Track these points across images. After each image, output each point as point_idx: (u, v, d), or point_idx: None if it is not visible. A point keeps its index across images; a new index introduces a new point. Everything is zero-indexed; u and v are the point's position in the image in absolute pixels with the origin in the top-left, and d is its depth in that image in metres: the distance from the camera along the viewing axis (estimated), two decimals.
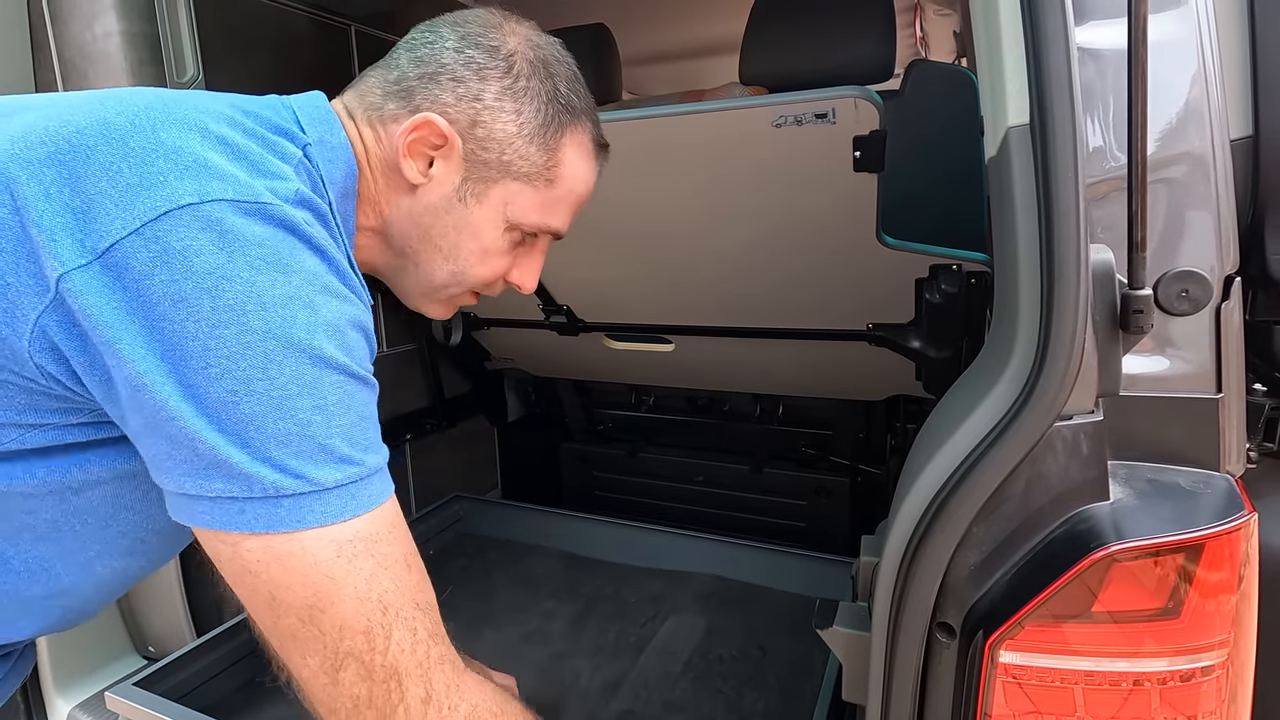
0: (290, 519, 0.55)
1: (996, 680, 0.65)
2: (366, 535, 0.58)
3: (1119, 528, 0.63)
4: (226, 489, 0.54)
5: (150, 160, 0.54)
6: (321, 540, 0.56)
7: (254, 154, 0.59)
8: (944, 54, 2.80)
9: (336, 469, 0.56)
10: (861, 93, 1.10)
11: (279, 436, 0.54)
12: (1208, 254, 0.70)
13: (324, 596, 0.56)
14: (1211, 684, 0.63)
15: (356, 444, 0.58)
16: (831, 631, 0.86)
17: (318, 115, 0.71)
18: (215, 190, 0.54)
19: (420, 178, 0.73)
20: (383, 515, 0.59)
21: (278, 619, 0.57)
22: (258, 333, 0.53)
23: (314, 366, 0.55)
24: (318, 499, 0.55)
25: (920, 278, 1.41)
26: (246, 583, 0.57)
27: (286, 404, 0.54)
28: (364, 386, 0.60)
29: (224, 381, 0.52)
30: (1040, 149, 0.60)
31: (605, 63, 1.61)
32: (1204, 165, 0.69)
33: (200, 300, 0.52)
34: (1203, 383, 0.69)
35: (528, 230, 0.78)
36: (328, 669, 0.57)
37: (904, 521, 0.70)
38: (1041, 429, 0.62)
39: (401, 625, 0.59)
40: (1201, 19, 0.70)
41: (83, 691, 1.36)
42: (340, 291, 0.59)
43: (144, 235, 0.52)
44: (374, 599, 0.57)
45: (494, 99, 0.73)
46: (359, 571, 0.57)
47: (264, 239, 0.55)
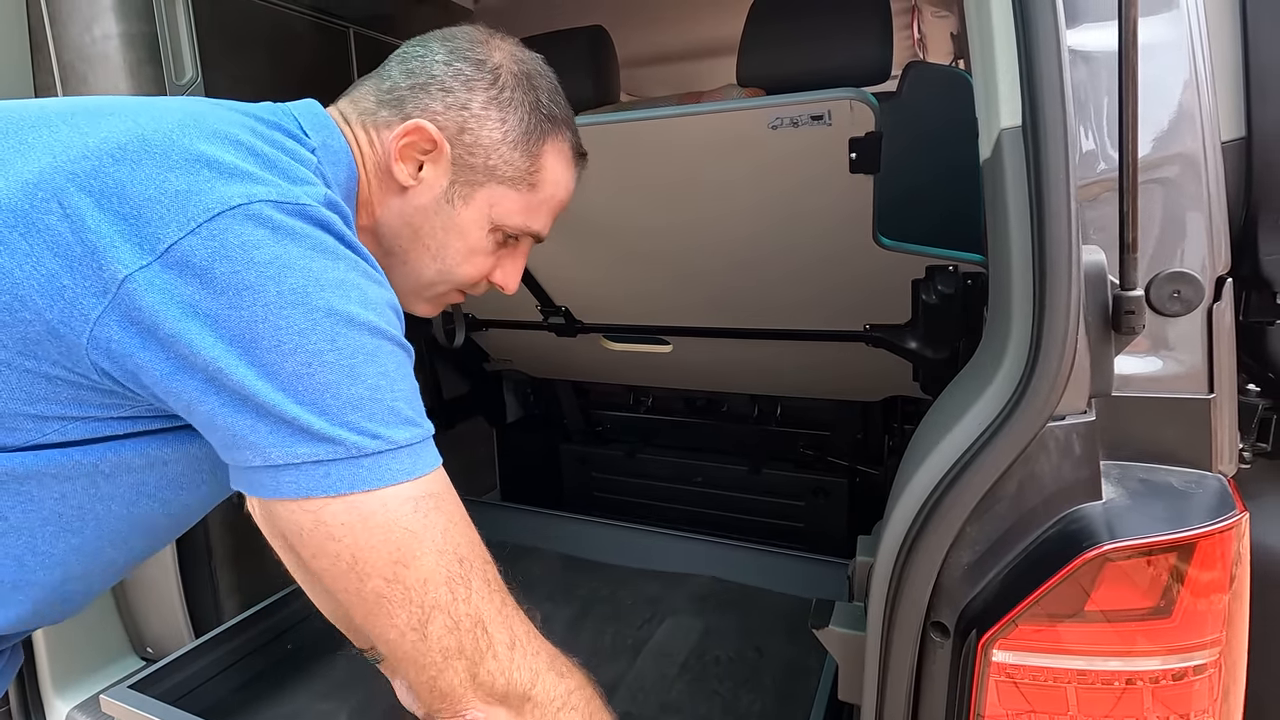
0: (372, 477, 0.58)
1: (990, 679, 0.65)
2: (435, 492, 0.62)
3: (1111, 527, 0.64)
4: (313, 452, 0.57)
5: (195, 169, 0.58)
6: (400, 497, 0.60)
7: (283, 162, 0.64)
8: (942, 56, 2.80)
9: (405, 429, 0.60)
10: (857, 95, 1.11)
11: (353, 401, 0.58)
12: (1199, 255, 0.70)
13: (407, 551, 0.59)
14: (1204, 683, 0.63)
15: (415, 408, 0.63)
16: (827, 631, 0.86)
17: (318, 121, 0.75)
18: (261, 193, 0.59)
19: (410, 180, 0.78)
20: (442, 475, 0.64)
21: (362, 583, 0.60)
22: (321, 310, 0.57)
23: (373, 338, 0.60)
24: (393, 457, 0.59)
25: (917, 279, 1.41)
26: (330, 550, 0.59)
27: (356, 371, 0.58)
28: (410, 358, 0.65)
29: (297, 356, 0.56)
30: (1032, 151, 0.61)
31: (603, 64, 1.61)
32: (1195, 167, 0.70)
33: (265, 286, 0.56)
34: (1195, 383, 0.70)
35: (510, 232, 0.83)
36: (415, 624, 0.60)
37: (898, 522, 0.71)
38: (1034, 429, 0.63)
39: (477, 575, 0.63)
40: (1193, 22, 0.71)
41: (81, 693, 1.36)
42: (374, 275, 0.64)
43: (200, 234, 0.56)
44: (451, 551, 0.61)
45: (480, 108, 0.78)
46: (435, 525, 0.61)
47: (309, 233, 0.60)
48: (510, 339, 2.04)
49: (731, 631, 1.42)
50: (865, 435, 1.99)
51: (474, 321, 1.96)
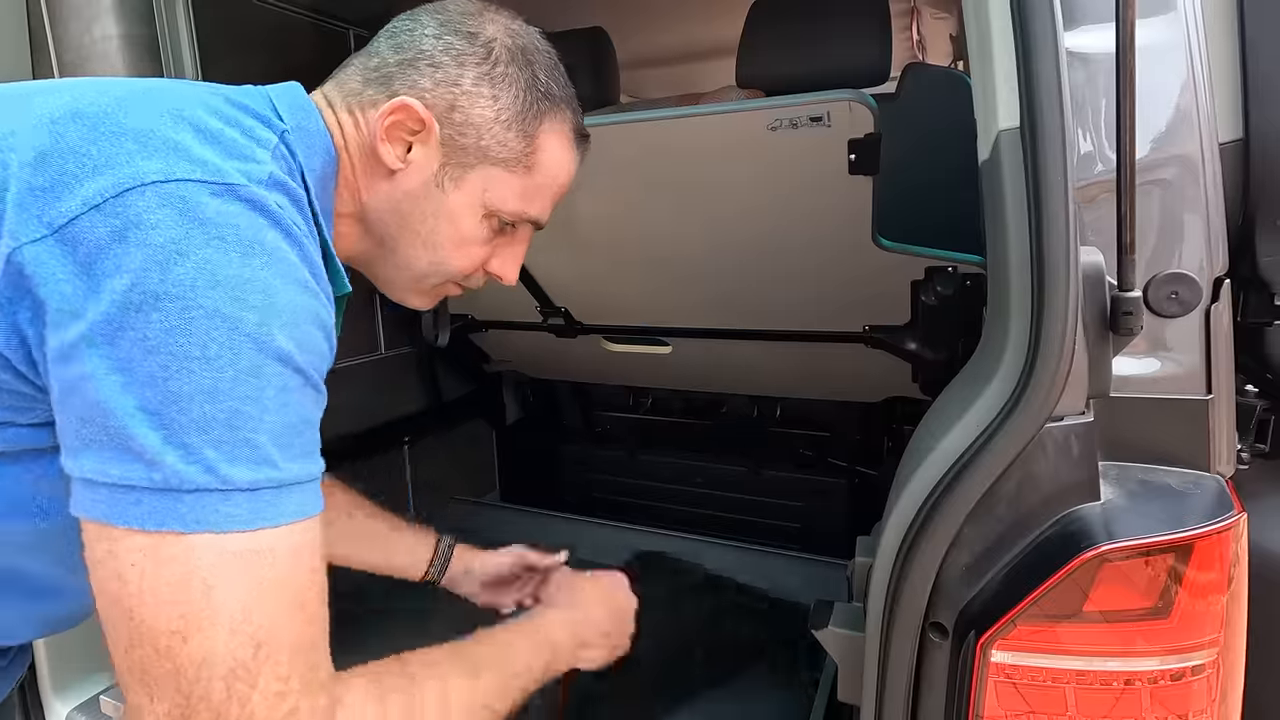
0: (190, 518, 0.49)
1: (988, 680, 0.65)
2: (265, 553, 0.51)
3: (1110, 528, 0.64)
4: (125, 474, 0.49)
5: (118, 142, 0.53)
6: (213, 550, 0.50)
7: (227, 138, 0.58)
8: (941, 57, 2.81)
9: (252, 469, 0.51)
10: (856, 96, 1.11)
11: (201, 421, 0.49)
12: (1197, 256, 0.70)
13: (193, 619, 0.49)
14: (1202, 683, 0.63)
15: (284, 447, 0.53)
16: (827, 632, 0.86)
17: (295, 103, 0.70)
18: (182, 170, 0.53)
19: (398, 163, 0.73)
20: (291, 536, 0.53)
21: (131, 646, 0.50)
22: (203, 310, 0.50)
23: (258, 354, 0.52)
24: (223, 499, 0.50)
25: (916, 280, 1.41)
26: (111, 591, 0.50)
27: (219, 388, 0.50)
28: (309, 388, 0.56)
29: (158, 356, 0.49)
30: (1030, 153, 0.61)
31: (603, 66, 1.61)
32: (1193, 168, 0.70)
33: (149, 272, 0.50)
34: (1192, 384, 0.70)
35: (506, 218, 0.78)
36: (176, 715, 0.49)
37: (897, 522, 0.71)
38: (1032, 430, 0.63)
39: (270, 671, 0.51)
40: (1190, 24, 0.71)
41: (81, 693, 1.36)
42: (305, 282, 0.57)
43: (104, 210, 0.51)
44: (249, 634, 0.50)
45: (471, 84, 0.73)
46: (243, 596, 0.50)
47: (228, 218, 0.53)
48: (510, 340, 2.04)
49: (731, 632, 1.42)
50: (864, 436, 1.99)
51: (473, 323, 1.96)
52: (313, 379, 0.56)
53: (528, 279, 1.70)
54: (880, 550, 0.73)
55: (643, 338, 1.86)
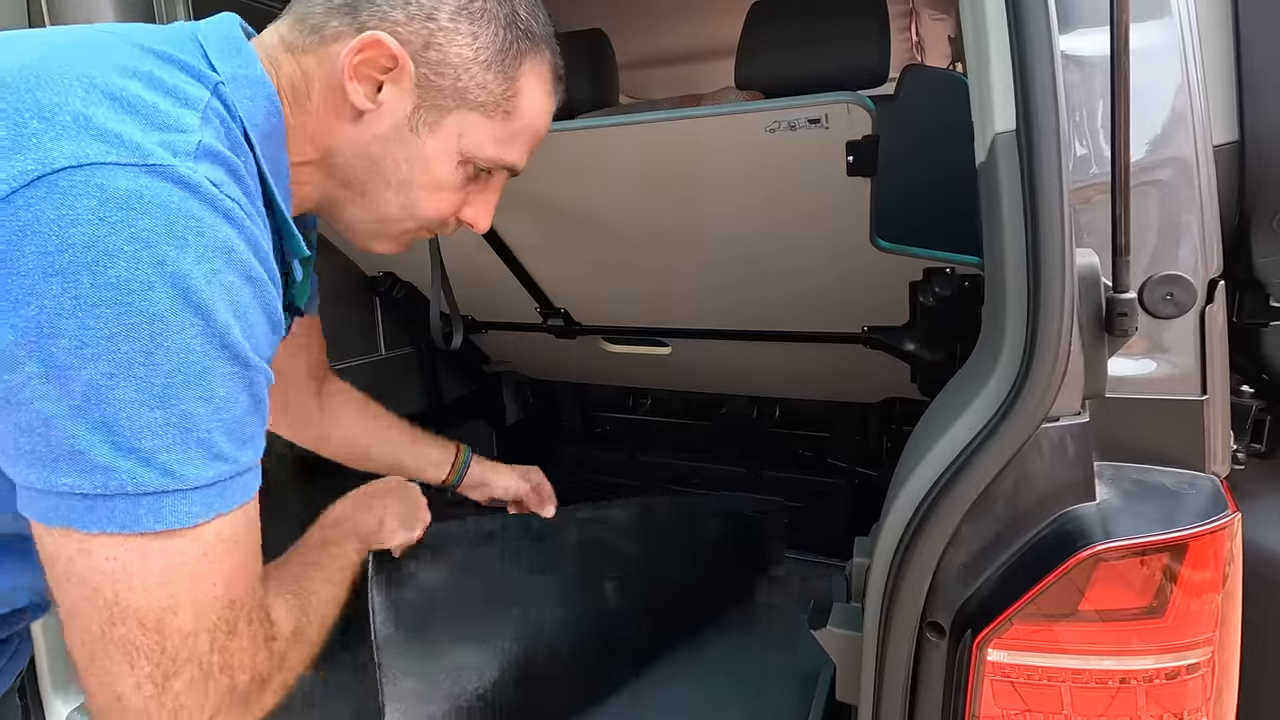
0: (149, 518, 0.50)
1: (985, 679, 0.66)
2: (229, 536, 0.54)
3: (1105, 527, 0.64)
4: (76, 484, 0.48)
5: (23, 120, 0.49)
6: (189, 541, 0.52)
7: (146, 105, 0.53)
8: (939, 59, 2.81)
9: (209, 466, 0.52)
10: (854, 98, 1.11)
11: (153, 426, 0.49)
12: (1192, 257, 0.71)
13: (180, 599, 0.52)
14: (1197, 682, 0.64)
15: (236, 439, 0.54)
16: (825, 632, 0.87)
17: (227, 46, 0.63)
18: (95, 152, 0.48)
19: (367, 103, 0.67)
20: (244, 513, 0.56)
21: (113, 627, 0.51)
22: (144, 313, 0.48)
23: (205, 353, 0.50)
24: (183, 498, 0.51)
25: (914, 281, 1.41)
26: (91, 583, 0.51)
27: (169, 393, 0.49)
28: (259, 376, 0.56)
29: (98, 364, 0.47)
30: (1025, 155, 0.62)
31: (602, 67, 1.62)
32: (1188, 170, 0.70)
33: (78, 276, 0.47)
34: (1187, 384, 0.70)
35: (483, 165, 0.73)
36: (158, 678, 0.52)
37: (894, 523, 0.71)
38: (1028, 430, 0.63)
39: (244, 618, 0.56)
40: (1184, 26, 0.71)
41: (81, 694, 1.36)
42: (249, 266, 0.54)
43: (13, 203, 0.47)
44: (226, 599, 0.54)
45: (449, 19, 0.67)
46: (220, 570, 0.54)
47: (155, 205, 0.49)
48: (509, 340, 2.05)
49: (729, 632, 1.42)
50: (863, 437, 1.99)
51: (473, 323, 1.97)
52: (260, 367, 0.55)
53: (527, 280, 1.70)
54: (878, 550, 0.73)
55: (642, 339, 1.87)
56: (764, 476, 2.08)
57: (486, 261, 1.61)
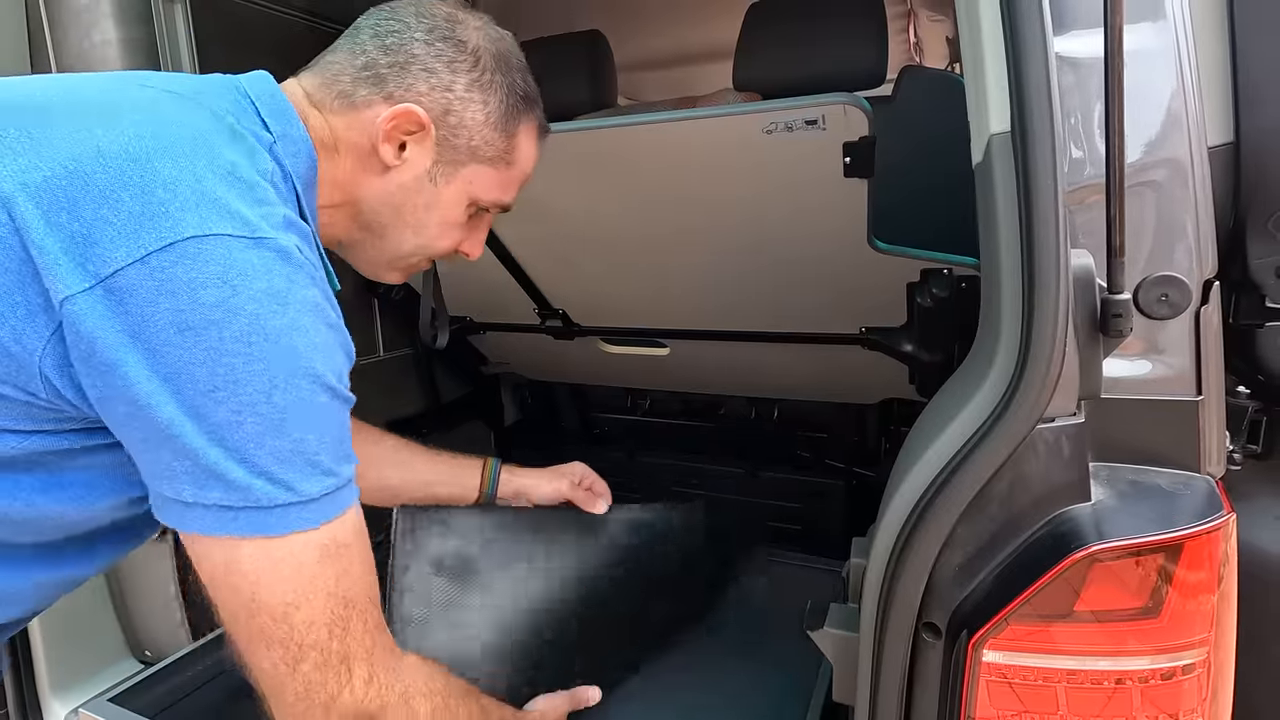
0: (278, 525, 0.61)
1: (980, 679, 0.66)
2: (339, 539, 0.65)
3: (1100, 528, 0.64)
4: (224, 498, 0.59)
5: (150, 190, 0.57)
6: (306, 544, 0.63)
7: (243, 178, 0.63)
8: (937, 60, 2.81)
9: (321, 480, 0.63)
10: (850, 99, 1.11)
11: (276, 453, 0.60)
12: (1187, 259, 0.71)
13: (303, 594, 0.63)
14: (1192, 682, 0.64)
15: (337, 458, 0.64)
16: (822, 633, 0.87)
17: (277, 108, 0.74)
18: (216, 225, 0.58)
19: (395, 160, 0.79)
20: (351, 518, 0.66)
21: (252, 617, 0.63)
22: (262, 361, 0.58)
23: (309, 391, 0.61)
24: (302, 508, 0.62)
25: (912, 282, 1.42)
26: (233, 583, 0.63)
27: (285, 425, 0.60)
28: (346, 405, 0.66)
29: (229, 404, 0.58)
30: (1021, 156, 0.62)
31: (600, 69, 1.62)
32: (1183, 171, 0.70)
33: (208, 331, 0.56)
34: (1183, 385, 0.70)
35: (485, 206, 0.87)
36: (289, 660, 0.63)
37: (891, 523, 0.71)
38: (1024, 431, 0.63)
39: (357, 618, 0.66)
40: (1179, 28, 0.71)
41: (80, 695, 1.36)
42: (329, 316, 0.65)
43: (149, 264, 0.55)
44: (340, 595, 0.65)
45: (464, 90, 0.79)
46: (333, 571, 0.64)
47: (263, 271, 0.59)
48: (508, 342, 2.04)
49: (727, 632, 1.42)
50: (862, 438, 1.99)
51: (471, 325, 1.97)
52: (347, 396, 0.66)
53: (525, 281, 1.70)
54: (874, 551, 0.73)
55: (640, 339, 1.87)
56: (762, 477, 2.08)
57: (485, 263, 1.61)
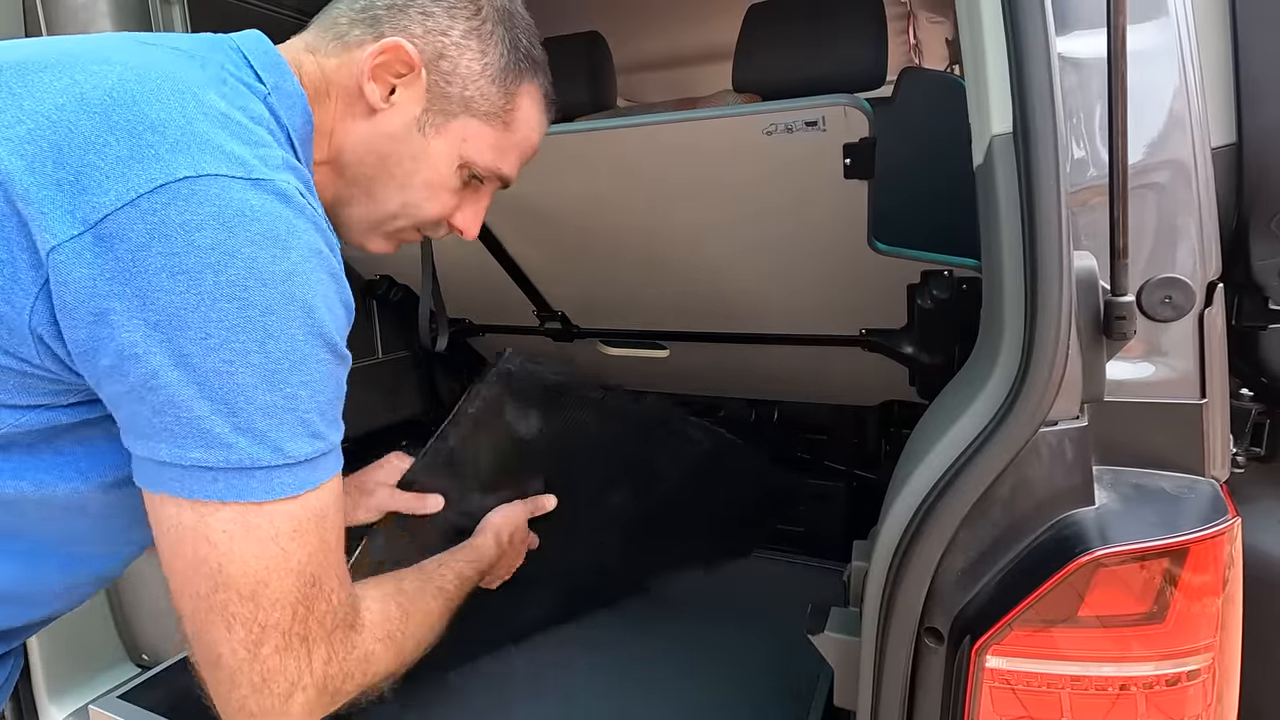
0: (262, 489, 0.56)
1: (984, 685, 0.65)
2: (317, 510, 0.60)
3: (1104, 532, 0.64)
4: (204, 458, 0.55)
5: (138, 133, 0.54)
6: (285, 514, 0.58)
7: (235, 120, 0.59)
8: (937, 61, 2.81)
9: (310, 443, 0.58)
10: (851, 101, 1.11)
11: (266, 408, 0.55)
12: (1190, 260, 0.70)
13: (274, 570, 0.58)
14: (1197, 688, 0.63)
15: (328, 419, 0.60)
16: (823, 637, 0.86)
17: (270, 62, 0.70)
18: (210, 165, 0.55)
19: (382, 103, 0.74)
20: (332, 489, 0.62)
21: (215, 592, 0.57)
22: (258, 308, 0.54)
23: (306, 343, 0.57)
24: (287, 471, 0.57)
25: (912, 284, 1.41)
26: (200, 554, 0.57)
27: (278, 377, 0.56)
28: (343, 364, 0.62)
29: (221, 352, 0.54)
30: (1023, 157, 0.61)
31: (599, 70, 1.61)
32: (1186, 172, 0.70)
33: (203, 275, 0.53)
34: (1187, 388, 0.70)
35: (479, 172, 0.80)
36: (250, 644, 0.58)
37: (893, 527, 0.71)
38: (1026, 435, 0.63)
39: (322, 598, 0.62)
40: (1182, 28, 0.71)
41: (76, 700, 1.36)
42: (331, 265, 0.61)
43: (140, 207, 0.52)
44: (310, 573, 0.60)
45: (461, 36, 0.75)
46: (306, 546, 0.59)
47: (262, 214, 0.55)
48: (507, 343, 2.04)
49: (727, 636, 1.42)
50: (862, 440, 1.98)
51: (470, 326, 1.96)
52: (344, 354, 0.62)
53: (524, 282, 1.70)
54: (876, 554, 0.73)
55: (640, 341, 1.86)
56: None
57: (484, 264, 1.60)
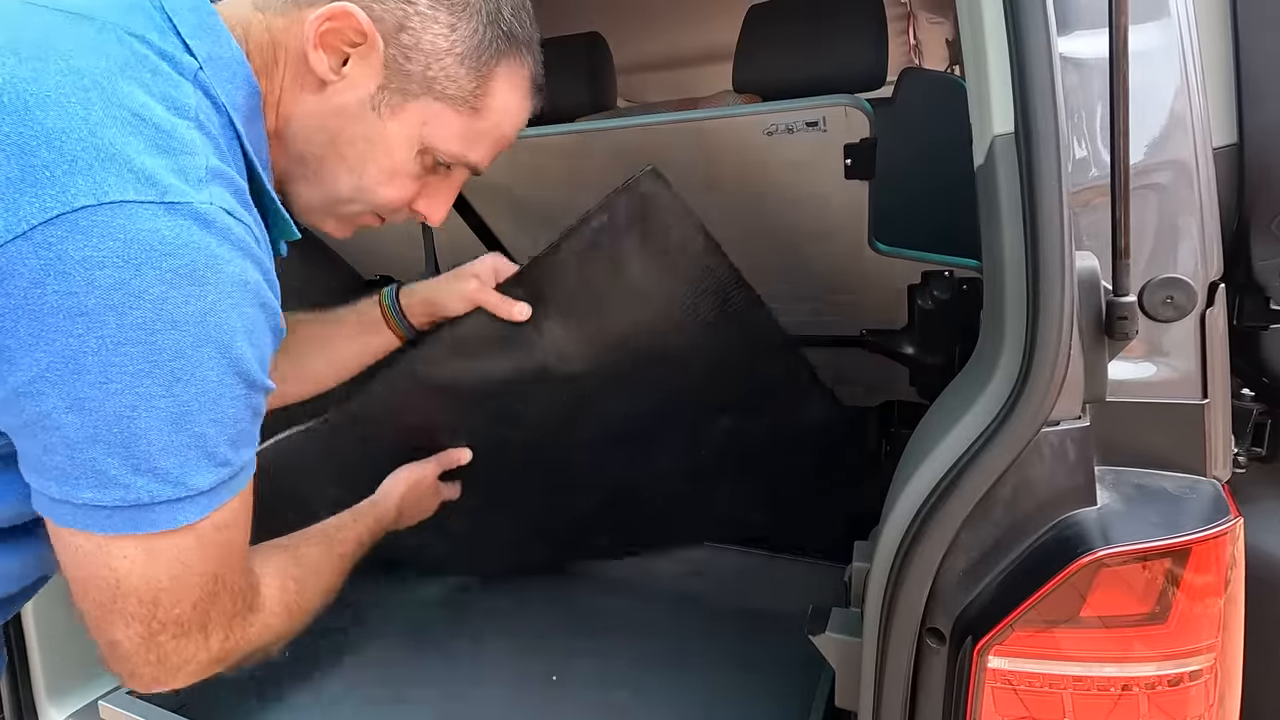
0: (164, 520, 0.54)
1: (985, 686, 0.65)
2: (224, 523, 0.58)
3: (1106, 533, 0.64)
4: (96, 498, 0.52)
5: (30, 149, 0.48)
6: (189, 536, 0.56)
7: (148, 124, 0.52)
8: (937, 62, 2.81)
9: (214, 472, 0.55)
10: (852, 101, 1.11)
11: (169, 449, 0.52)
12: (1192, 260, 0.70)
13: (177, 579, 0.56)
14: (1199, 688, 0.63)
15: (237, 446, 0.57)
16: (824, 637, 0.86)
17: (200, 23, 0.60)
18: (115, 189, 0.48)
19: (331, 75, 0.66)
20: (241, 500, 0.59)
21: (114, 601, 0.56)
22: (168, 352, 0.50)
23: (221, 383, 0.53)
24: (191, 502, 0.55)
25: (913, 284, 1.41)
26: (100, 574, 0.55)
27: (186, 419, 0.52)
28: (262, 394, 0.58)
29: (123, 397, 0.49)
30: (1025, 158, 0.61)
31: (599, 71, 1.61)
32: (1187, 172, 0.70)
33: (105, 317, 0.48)
34: (1188, 388, 0.70)
35: (443, 159, 0.72)
36: (146, 634, 0.57)
37: (894, 527, 0.71)
38: (1028, 435, 0.63)
39: (225, 590, 0.60)
40: (1183, 28, 0.71)
41: (76, 700, 1.36)
42: (261, 294, 0.56)
43: (33, 240, 0.47)
44: (212, 573, 0.59)
45: (427, 5, 0.66)
46: (212, 556, 0.58)
47: (175, 246, 0.49)
48: None
49: (727, 637, 1.42)
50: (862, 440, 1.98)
51: None
52: (265, 385, 0.58)
53: None
54: (877, 555, 0.73)
55: None
56: None
57: None
